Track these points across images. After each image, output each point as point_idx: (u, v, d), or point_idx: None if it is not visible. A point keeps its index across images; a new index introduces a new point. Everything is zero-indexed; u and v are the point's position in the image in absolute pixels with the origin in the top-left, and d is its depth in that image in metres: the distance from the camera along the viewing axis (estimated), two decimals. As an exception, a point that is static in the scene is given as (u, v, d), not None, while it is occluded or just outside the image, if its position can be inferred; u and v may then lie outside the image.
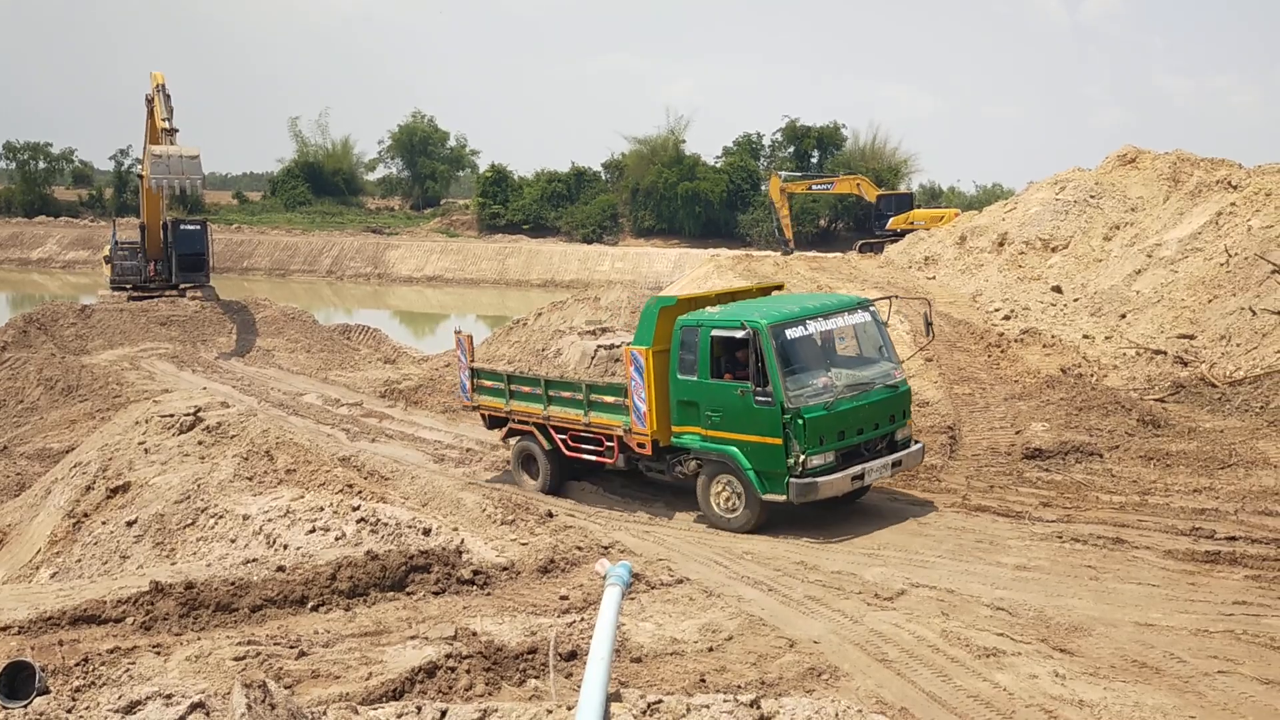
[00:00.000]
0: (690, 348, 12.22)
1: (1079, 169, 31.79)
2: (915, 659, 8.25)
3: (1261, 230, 21.25)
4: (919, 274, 29.62)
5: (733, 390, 11.85)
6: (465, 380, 14.91)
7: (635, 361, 12.44)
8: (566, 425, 13.60)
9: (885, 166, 65.64)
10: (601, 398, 13.18)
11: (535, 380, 14.08)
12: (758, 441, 11.67)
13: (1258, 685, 7.59)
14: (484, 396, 14.71)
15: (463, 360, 14.88)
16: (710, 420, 12.07)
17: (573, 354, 14.45)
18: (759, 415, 11.62)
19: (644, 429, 12.52)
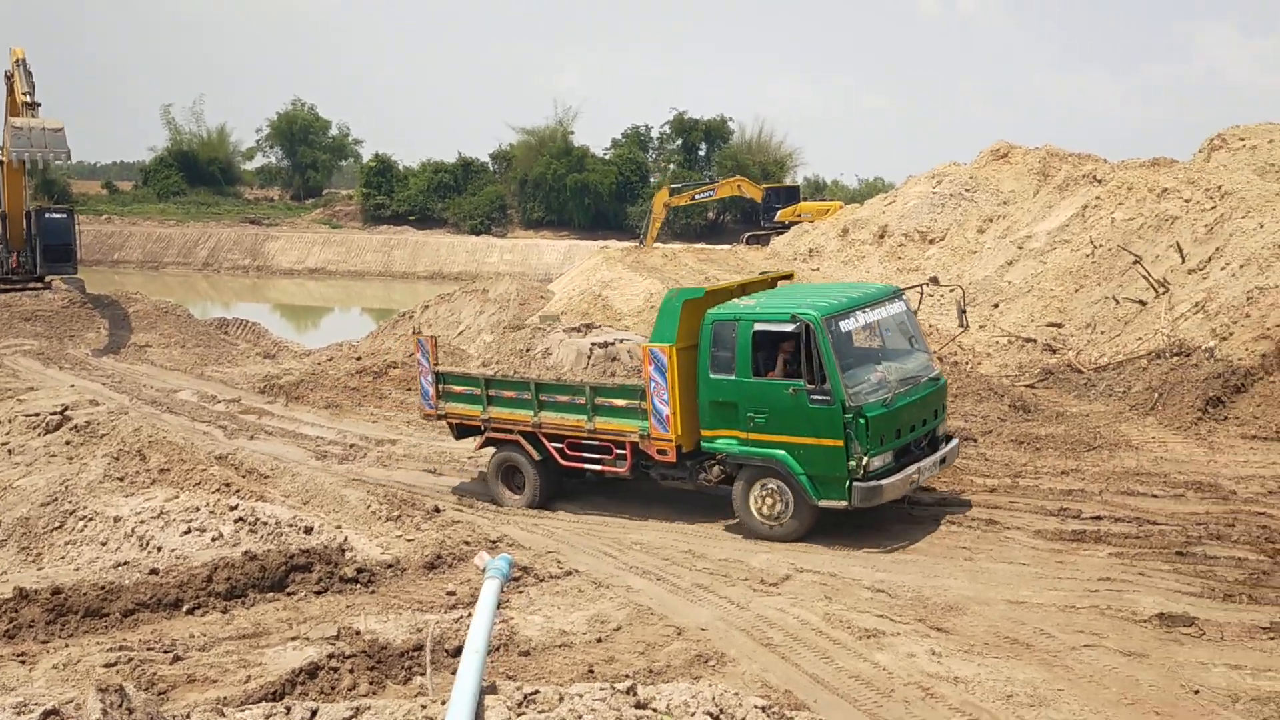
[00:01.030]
0: (725, 344, 11.20)
1: (955, 163, 32.84)
2: (799, 642, 8.41)
3: (1124, 222, 22.25)
4: (804, 265, 30.16)
5: (781, 389, 10.87)
6: (428, 386, 13.32)
7: (656, 360, 11.28)
8: (564, 432, 12.35)
9: (771, 160, 66.68)
10: (610, 401, 11.97)
11: (524, 384, 12.64)
12: (813, 444, 10.71)
13: (1120, 657, 7.96)
14: (454, 404, 13.23)
15: (424, 364, 13.34)
16: (753, 423, 11.04)
17: (565, 354, 13.12)
18: (814, 416, 10.67)
19: (666, 434, 11.44)
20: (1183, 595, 9.10)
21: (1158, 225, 21.19)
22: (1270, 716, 7.00)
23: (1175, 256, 19.73)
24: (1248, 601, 8.95)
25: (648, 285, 22.30)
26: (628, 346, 13.09)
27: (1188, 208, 21.10)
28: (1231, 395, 14.93)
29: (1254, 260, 17.65)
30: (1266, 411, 14.53)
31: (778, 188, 51.87)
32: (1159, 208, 21.75)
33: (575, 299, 22.42)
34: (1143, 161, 27.57)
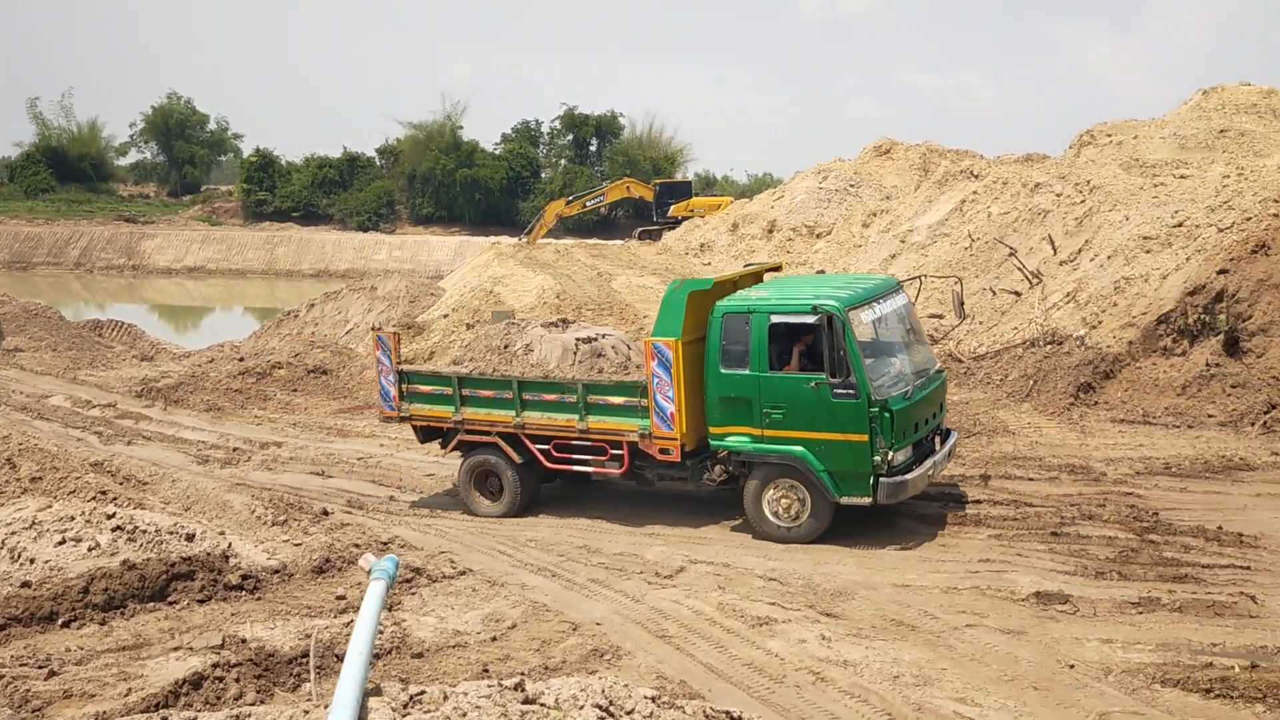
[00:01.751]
0: (738, 337, 10.74)
1: (840, 160, 33.58)
2: (694, 633, 8.51)
3: (1000, 216, 23.04)
4: (695, 260, 30.46)
5: (801, 383, 10.47)
6: (389, 387, 12.42)
7: (660, 355, 10.76)
8: (551, 433, 11.68)
9: (662, 156, 67.08)
10: (606, 399, 11.34)
11: (505, 382, 11.80)
12: (835, 439, 10.35)
13: (1000, 635, 8.26)
14: (420, 405, 12.36)
15: (385, 363, 12.38)
16: (769, 419, 10.62)
17: (549, 350, 12.17)
18: (837, 410, 10.31)
19: (670, 432, 10.89)
20: (1058, 574, 9.48)
21: (1031, 219, 21.99)
22: (1139, 687, 7.35)
23: (1048, 249, 20.51)
24: (1118, 578, 9.38)
25: (540, 281, 22.22)
26: (611, 342, 12.46)
27: (1059, 202, 21.95)
28: (1101, 381, 15.61)
29: (1120, 251, 18.46)
30: (1133, 396, 15.23)
31: (670, 183, 52.17)
32: (1032, 202, 22.58)
33: (467, 296, 22.21)
34: (1017, 157, 28.64)
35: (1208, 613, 8.50)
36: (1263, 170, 18.84)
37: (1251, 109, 24.00)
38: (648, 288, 22.59)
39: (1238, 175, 19.07)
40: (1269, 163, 19.44)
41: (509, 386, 11.78)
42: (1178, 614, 8.52)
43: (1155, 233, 18.26)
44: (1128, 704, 7.13)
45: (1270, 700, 7.09)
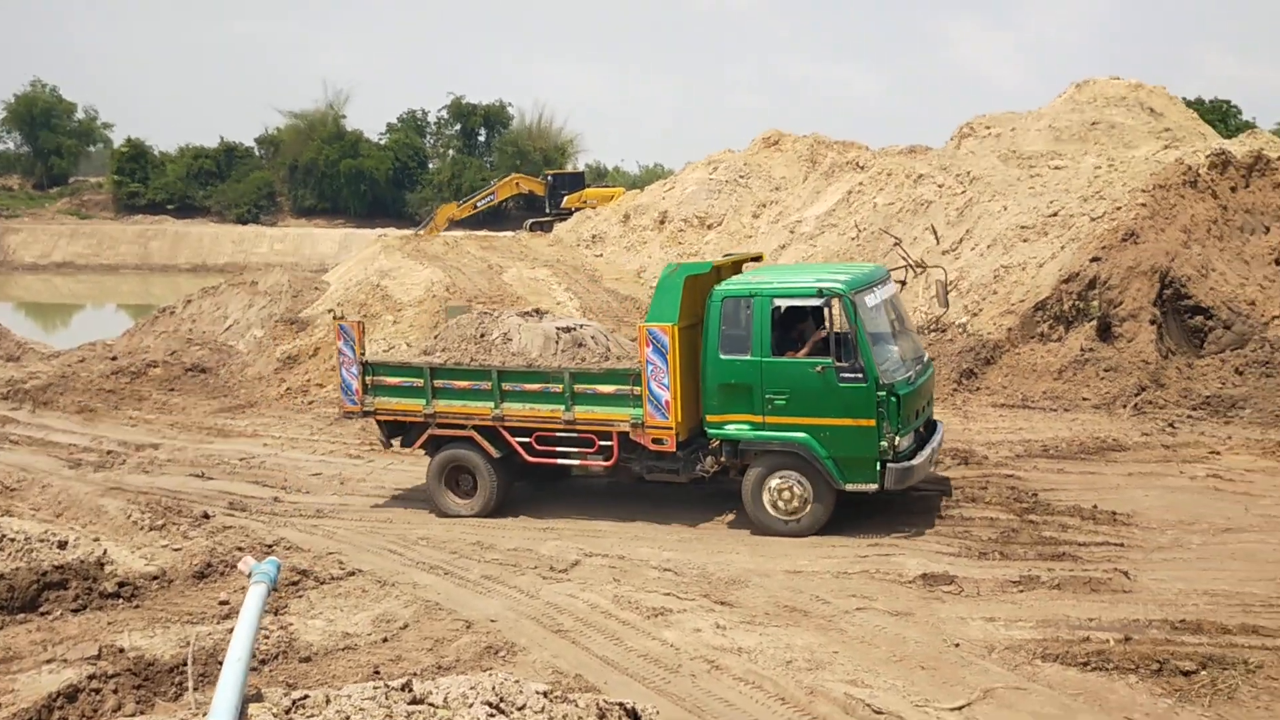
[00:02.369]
0: (738, 322, 10.48)
1: (729, 150, 33.83)
2: (589, 626, 8.47)
3: (885, 207, 23.54)
4: (587, 252, 30.36)
5: (806, 368, 10.27)
6: (351, 379, 11.76)
7: (656, 341, 10.40)
8: (533, 424, 11.21)
9: (553, 146, 66.71)
10: (594, 388, 10.90)
11: (483, 372, 11.26)
12: (842, 425, 10.15)
13: (889, 617, 8.43)
14: (386, 398, 11.74)
15: (347, 354, 11.74)
16: (771, 405, 10.38)
17: (529, 339, 11.62)
18: (844, 395, 10.12)
19: (665, 421, 10.53)
20: (943, 556, 9.73)
21: (915, 209, 22.53)
22: (1021, 663, 7.58)
23: (931, 238, 21.06)
24: (1000, 558, 9.68)
25: (429, 274, 21.84)
26: (590, 332, 12.00)
27: (941, 192, 22.53)
28: (982, 367, 16.10)
29: (999, 241, 19.05)
30: (1013, 381, 15.74)
31: (562, 174, 51.93)
32: (915, 193, 23.12)
33: (353, 290, 21.70)
34: (901, 149, 29.29)
35: (1084, 589, 8.82)
36: (1131, 161, 19.67)
37: (1121, 102, 25.03)
38: (539, 280, 22.44)
39: (1109, 166, 19.87)
40: (1137, 154, 20.31)
41: (487, 377, 11.25)
42: (1056, 591, 8.83)
43: (1032, 222, 18.90)
44: (1010, 679, 7.34)
45: (1143, 671, 7.40)
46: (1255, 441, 13.16)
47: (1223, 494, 11.31)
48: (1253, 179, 17.95)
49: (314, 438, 15.54)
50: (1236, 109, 56.07)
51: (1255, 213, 17.39)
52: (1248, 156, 18.19)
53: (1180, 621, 8.11)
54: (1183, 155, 18.68)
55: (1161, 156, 19.17)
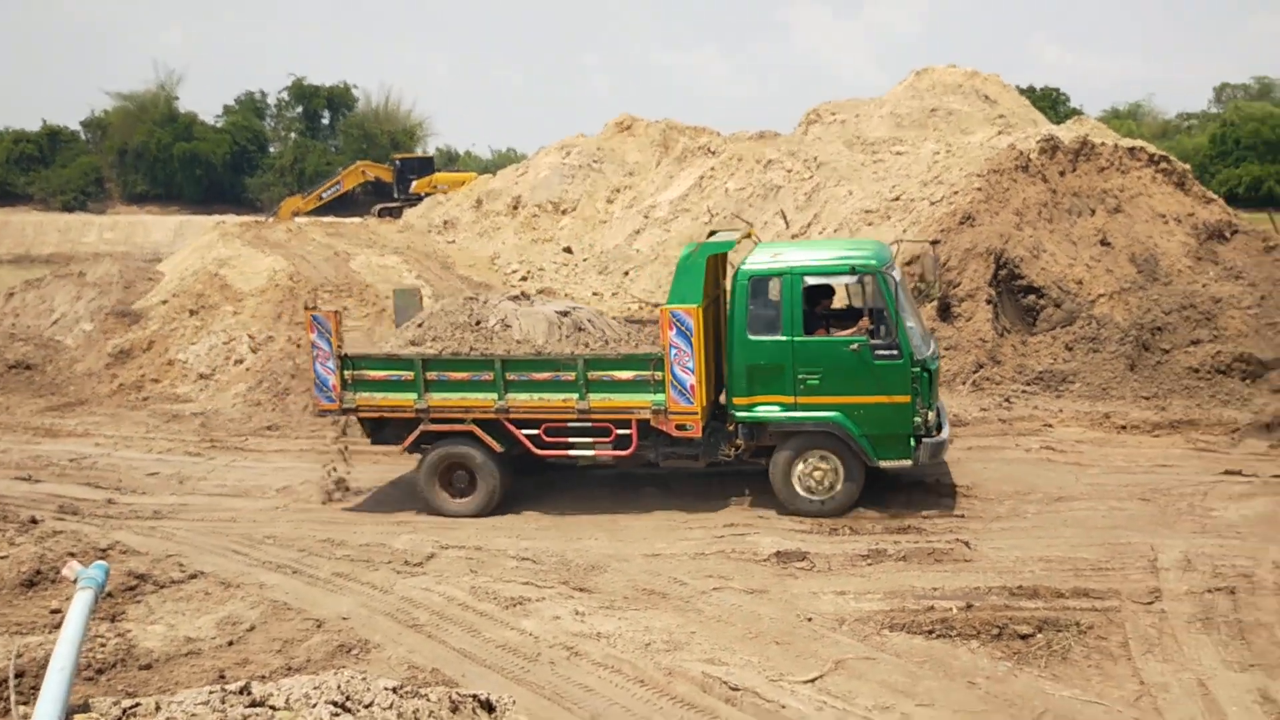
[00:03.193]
0: (767, 301, 10.33)
1: (582, 135, 33.71)
2: (446, 619, 8.32)
3: (737, 191, 23.89)
4: (439, 238, 29.83)
5: (839, 346, 10.17)
6: (327, 374, 10.88)
7: (680, 324, 10.05)
8: (542, 415, 10.63)
9: (400, 129, 65.33)
10: (611, 374, 10.40)
11: (485, 362, 10.58)
12: (876, 402, 10.10)
13: (745, 596, 8.55)
14: (370, 394, 10.91)
15: (322, 347, 10.84)
16: (803, 385, 10.23)
17: (531, 325, 10.95)
18: (879, 372, 10.07)
19: (690, 406, 10.21)
20: (796, 533, 9.94)
21: (765, 194, 22.94)
22: (870, 634, 7.80)
23: (781, 223, 21.48)
24: (850, 533, 9.95)
25: (271, 263, 21.04)
26: (586, 315, 11.41)
27: (789, 177, 23.01)
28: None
29: (845, 224, 19.56)
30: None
31: (411, 158, 50.91)
32: (765, 178, 23.55)
33: (188, 279, 20.72)
34: (751, 135, 29.71)
35: (929, 560, 9.15)
36: (968, 147, 20.46)
37: (958, 90, 25.98)
38: (389, 267, 21.90)
39: (946, 152, 20.62)
40: (973, 140, 21.13)
41: (489, 366, 10.58)
42: (903, 563, 9.12)
43: (875, 206, 19.47)
44: (860, 650, 7.55)
45: (983, 636, 7.71)
46: (1084, 414, 13.89)
47: (1055, 465, 11.90)
48: (1079, 163, 18.89)
49: (149, 435, 14.80)
50: (1065, 96, 59.19)
51: (1082, 196, 18.31)
52: (1075, 142, 19.13)
53: (1018, 587, 8.49)
54: (1015, 141, 19.52)
55: (996, 142, 20.01)
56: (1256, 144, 52.83)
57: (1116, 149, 19.15)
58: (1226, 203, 21.30)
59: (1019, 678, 7.18)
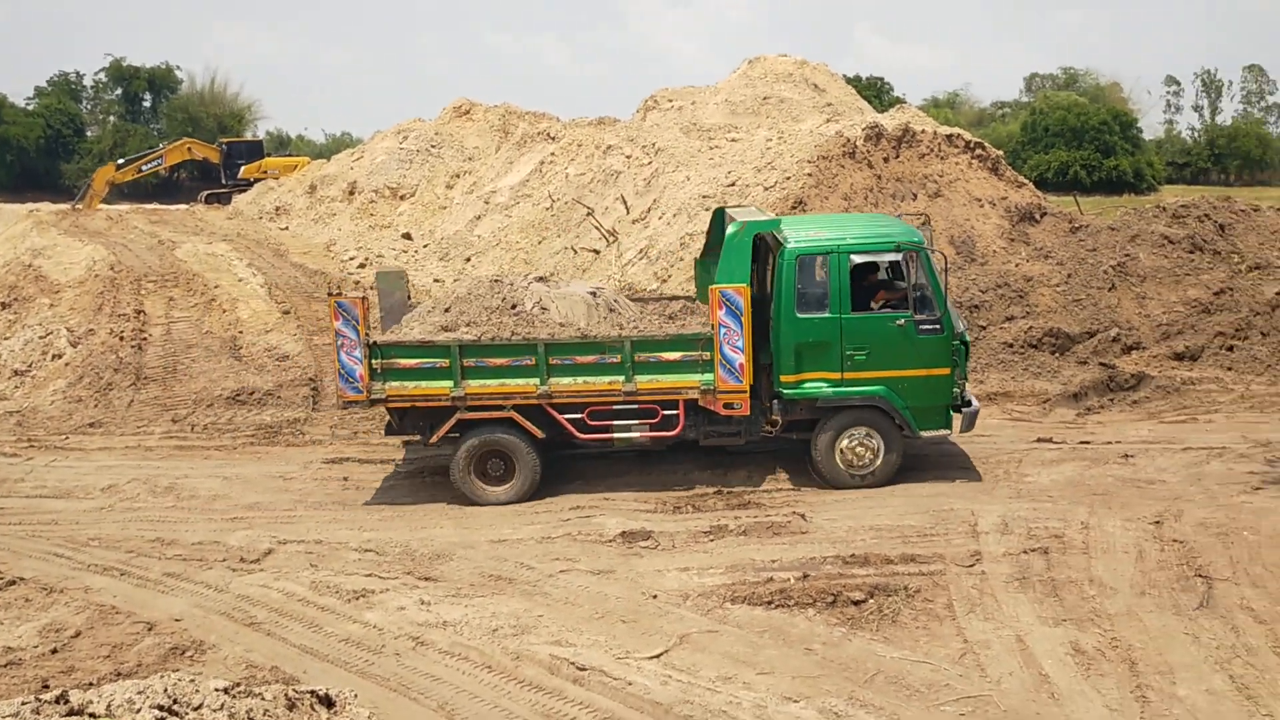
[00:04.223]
0: (814, 280, 10.55)
1: (420, 119, 33.16)
2: (285, 616, 8.13)
3: (577, 177, 23.94)
4: (271, 225, 28.89)
5: (886, 322, 10.51)
6: (353, 364, 10.36)
7: (730, 303, 10.14)
8: (586, 399, 10.47)
9: (228, 113, 62.75)
10: (658, 355, 10.35)
11: (526, 347, 10.34)
12: (919, 375, 10.52)
13: (591, 577, 8.67)
14: (401, 383, 10.45)
15: (348, 335, 10.30)
16: (851, 361, 10.52)
17: (570, 308, 10.63)
18: (922, 346, 10.51)
19: (739, 384, 10.31)
20: (641, 513, 10.12)
21: (605, 180, 23.07)
22: (713, 607, 8.03)
23: (621, 208, 21.65)
24: (693, 511, 10.19)
25: (90, 252, 19.95)
26: (612, 296, 11.25)
27: (629, 163, 23.20)
28: (672, 330, 16.75)
29: (684, 210, 19.87)
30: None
31: (238, 142, 48.84)
32: (605, 164, 23.67)
33: (1, 271, 19.48)
34: (590, 120, 29.79)
35: (767, 533, 9.46)
36: (798, 134, 21.05)
37: (788, 78, 26.69)
38: (218, 256, 21.05)
39: (779, 139, 21.17)
40: (803, 127, 21.74)
41: (531, 351, 10.34)
42: (743, 537, 9.41)
43: (712, 191, 19.83)
44: (703, 624, 7.76)
45: (819, 604, 8.04)
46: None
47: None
48: (902, 150, 19.72)
49: (-42, 437, 13.85)
50: (890, 86, 61.57)
51: (905, 181, 19.13)
52: (897, 130, 19.94)
53: (850, 556, 8.88)
54: (842, 129, 20.20)
55: (824, 130, 20.64)
56: (1064, 131, 56.16)
57: (936, 136, 20.07)
58: (1036, 187, 22.64)
59: (853, 642, 7.52)
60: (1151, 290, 15.87)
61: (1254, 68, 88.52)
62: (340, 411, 13.96)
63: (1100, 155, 55.51)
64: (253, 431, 13.28)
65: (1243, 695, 6.71)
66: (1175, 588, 8.25)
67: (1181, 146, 69.36)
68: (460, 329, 10.63)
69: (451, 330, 10.65)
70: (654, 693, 6.80)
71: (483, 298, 11.06)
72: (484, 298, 11.05)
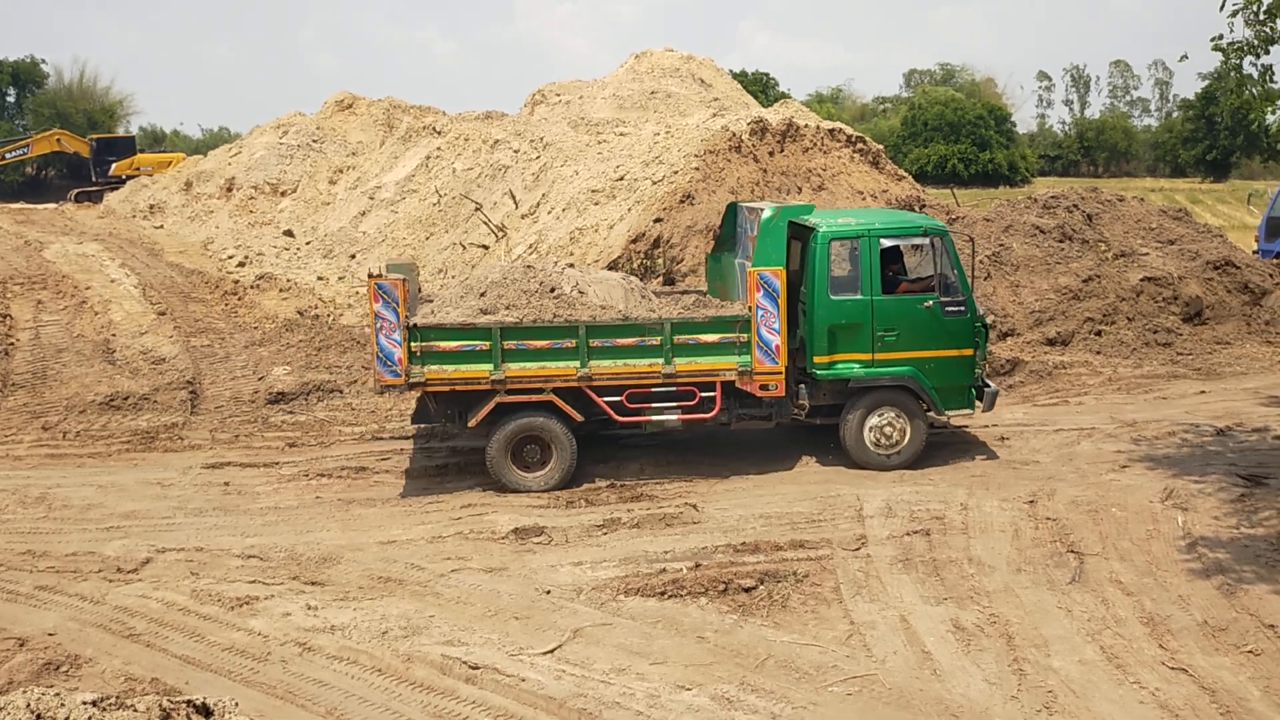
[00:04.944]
0: (848, 263, 10.91)
1: (300, 113, 32.40)
2: (166, 626, 7.86)
3: (464, 172, 23.68)
4: (145, 223, 27.88)
5: (915, 304, 10.87)
6: (392, 348, 10.21)
7: (767, 285, 10.38)
8: (626, 382, 10.52)
9: (98, 108, 60.34)
10: (697, 337, 10.50)
11: (568, 329, 10.33)
12: (945, 356, 10.95)
13: (484, 575, 8.60)
14: (440, 366, 10.34)
15: (388, 318, 10.17)
16: (882, 342, 10.84)
17: (608, 291, 10.65)
18: (949, 327, 10.93)
19: (775, 366, 10.52)
20: (534, 509, 10.07)
21: (493, 174, 22.87)
22: (606, 600, 8.05)
23: (510, 203, 21.49)
24: (585, 505, 10.19)
25: (-52, 253, 18.99)
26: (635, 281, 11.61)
27: (517, 158, 23.04)
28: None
29: (573, 204, 19.84)
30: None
31: (109, 138, 46.99)
32: (493, 158, 23.47)
33: None
34: (477, 114, 29.52)
35: (660, 525, 9.53)
36: (685, 128, 21.21)
37: (675, 73, 26.88)
38: (89, 256, 20.21)
39: (666, 133, 21.30)
40: (690, 122, 21.93)
41: (572, 334, 10.35)
42: (636, 530, 9.46)
43: (601, 186, 19.86)
44: (597, 617, 7.78)
45: (711, 592, 8.14)
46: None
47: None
48: (787, 144, 20.05)
49: None
50: (775, 81, 62.48)
51: (790, 175, 19.46)
52: (782, 124, 20.27)
53: (741, 544, 9.01)
54: (728, 123, 20.44)
55: (710, 124, 20.86)
56: (941, 125, 57.85)
57: (819, 130, 20.46)
58: (916, 180, 23.30)
59: (744, 628, 7.63)
60: (1024, 279, 16.46)
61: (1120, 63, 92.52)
62: (220, 414, 13.57)
63: (977, 149, 57.34)
64: (128, 437, 12.79)
65: (1113, 665, 7.03)
66: (1049, 564, 8.59)
67: (1053, 140, 72.09)
68: (500, 312, 10.62)
69: (490, 314, 10.62)
70: (548, 688, 6.79)
71: (519, 281, 11.09)
72: (520, 281, 11.08)
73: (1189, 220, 19.51)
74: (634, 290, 11.34)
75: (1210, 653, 7.17)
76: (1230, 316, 17.09)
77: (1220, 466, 10.92)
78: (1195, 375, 14.73)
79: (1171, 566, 8.51)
